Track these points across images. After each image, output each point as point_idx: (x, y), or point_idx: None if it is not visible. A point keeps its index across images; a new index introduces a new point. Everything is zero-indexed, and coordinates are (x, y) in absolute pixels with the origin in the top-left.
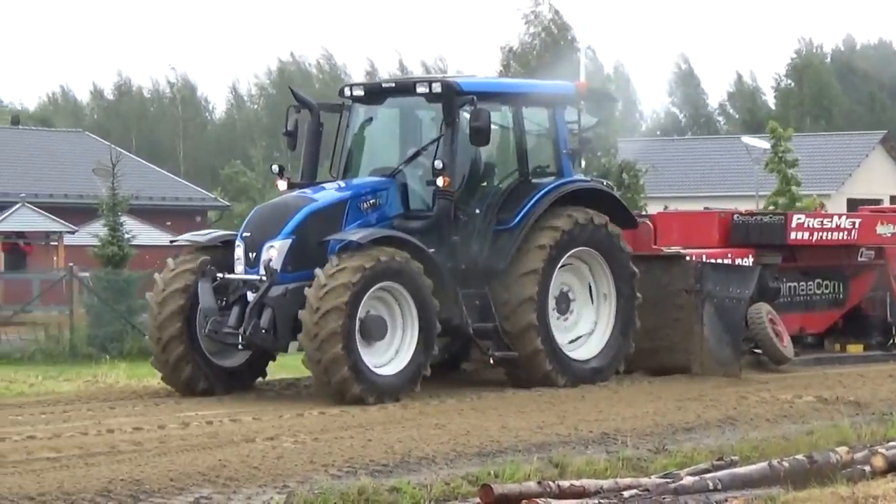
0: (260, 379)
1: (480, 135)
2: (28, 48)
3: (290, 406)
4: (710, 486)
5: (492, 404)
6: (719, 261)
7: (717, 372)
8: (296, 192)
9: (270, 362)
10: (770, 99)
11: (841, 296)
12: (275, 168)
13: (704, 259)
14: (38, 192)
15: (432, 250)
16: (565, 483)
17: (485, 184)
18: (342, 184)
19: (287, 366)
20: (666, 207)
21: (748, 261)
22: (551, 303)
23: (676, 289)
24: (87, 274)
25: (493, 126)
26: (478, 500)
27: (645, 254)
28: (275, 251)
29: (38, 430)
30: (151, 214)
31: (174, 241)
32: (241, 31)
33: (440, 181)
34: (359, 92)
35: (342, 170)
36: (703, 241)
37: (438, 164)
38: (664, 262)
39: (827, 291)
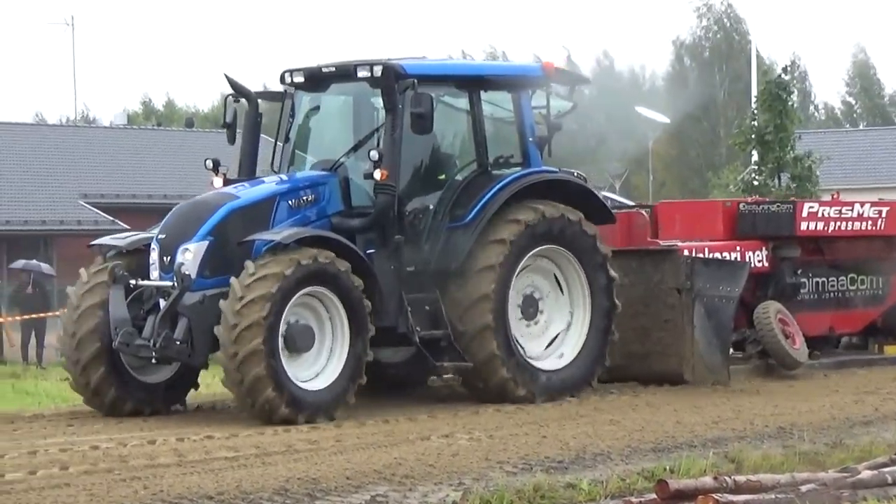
0: None
1: (422, 122)
2: (200, 52)
3: (466, 403)
4: (889, 480)
5: (666, 399)
6: (711, 255)
7: (707, 379)
8: (220, 189)
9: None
10: None
11: (880, 292)
12: (208, 163)
13: (707, 253)
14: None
15: (371, 251)
16: (741, 478)
17: (442, 176)
18: (284, 177)
19: None
20: (833, 196)
21: (762, 255)
22: (515, 309)
23: (668, 287)
24: None
25: (449, 112)
26: (654, 495)
27: (634, 249)
28: (190, 254)
29: (215, 430)
30: None
31: (92, 244)
32: (409, 29)
33: (377, 174)
34: (299, 78)
35: (286, 163)
36: (707, 233)
37: (374, 154)
38: (655, 257)
39: (863, 287)
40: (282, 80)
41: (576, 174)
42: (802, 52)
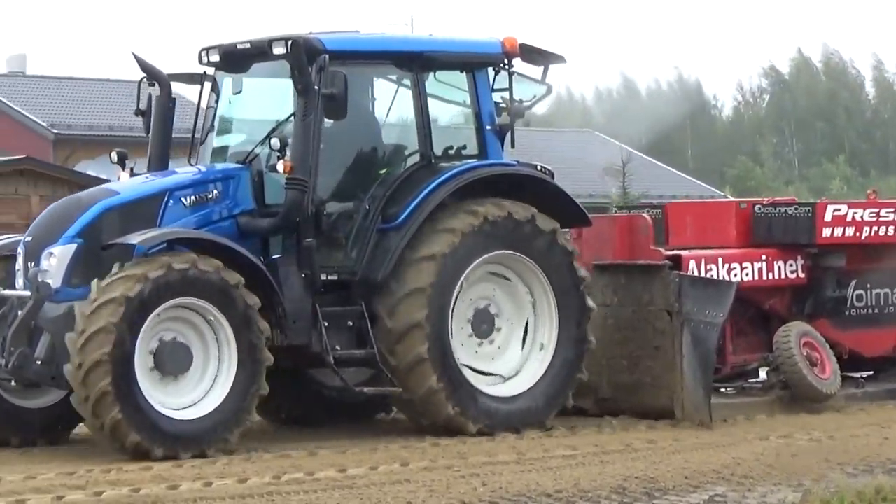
0: None
1: (334, 105)
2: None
3: (805, 404)
4: None
5: None
6: (726, 266)
7: (693, 418)
8: (102, 185)
9: None
10: None
11: None
12: (113, 156)
13: (721, 263)
14: None
15: (277, 256)
16: None
17: (382, 170)
18: (182, 171)
19: None
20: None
21: (796, 264)
22: (463, 329)
23: (657, 309)
24: None
25: (386, 96)
26: None
27: (623, 263)
28: (55, 259)
29: (553, 428)
30: None
31: None
32: (745, 30)
33: (280, 166)
34: (215, 57)
35: (207, 155)
36: (720, 239)
37: (275, 143)
38: (645, 273)
39: None
40: (199, 59)
41: (539, 167)
42: None
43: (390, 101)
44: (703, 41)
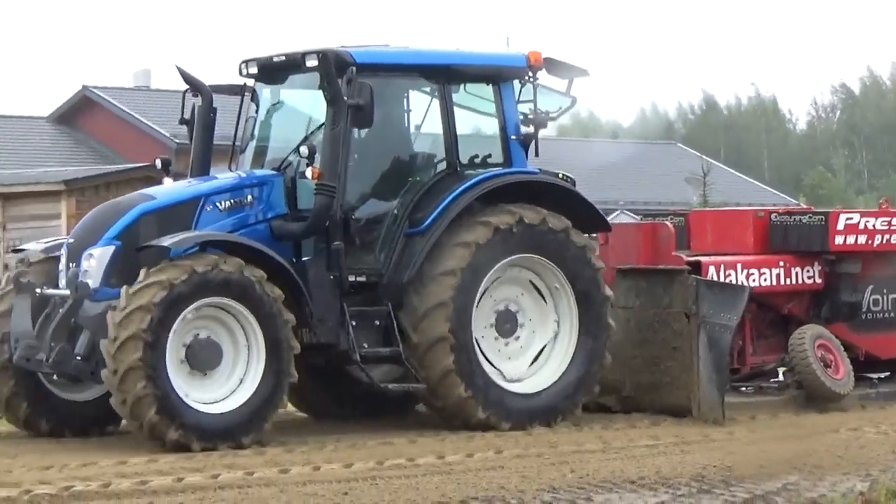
0: None
1: (361, 115)
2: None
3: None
4: None
5: None
6: (745, 271)
7: (707, 416)
8: (140, 190)
9: None
10: None
11: None
12: (157, 163)
13: (739, 269)
14: (635, 200)
15: (307, 258)
16: None
17: (411, 178)
18: (220, 176)
19: None
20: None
21: (813, 270)
22: (488, 332)
23: (676, 311)
24: None
25: (415, 106)
26: None
27: (644, 267)
28: (94, 260)
29: (636, 420)
30: None
31: (17, 249)
32: (819, 50)
33: (308, 172)
34: (254, 69)
35: (248, 162)
36: (738, 246)
37: (304, 150)
38: (665, 277)
39: None
40: (239, 71)
41: (561, 175)
42: None
43: (418, 112)
44: (779, 60)
